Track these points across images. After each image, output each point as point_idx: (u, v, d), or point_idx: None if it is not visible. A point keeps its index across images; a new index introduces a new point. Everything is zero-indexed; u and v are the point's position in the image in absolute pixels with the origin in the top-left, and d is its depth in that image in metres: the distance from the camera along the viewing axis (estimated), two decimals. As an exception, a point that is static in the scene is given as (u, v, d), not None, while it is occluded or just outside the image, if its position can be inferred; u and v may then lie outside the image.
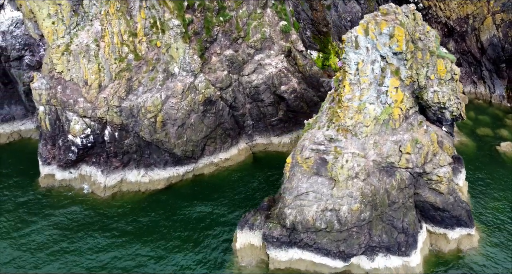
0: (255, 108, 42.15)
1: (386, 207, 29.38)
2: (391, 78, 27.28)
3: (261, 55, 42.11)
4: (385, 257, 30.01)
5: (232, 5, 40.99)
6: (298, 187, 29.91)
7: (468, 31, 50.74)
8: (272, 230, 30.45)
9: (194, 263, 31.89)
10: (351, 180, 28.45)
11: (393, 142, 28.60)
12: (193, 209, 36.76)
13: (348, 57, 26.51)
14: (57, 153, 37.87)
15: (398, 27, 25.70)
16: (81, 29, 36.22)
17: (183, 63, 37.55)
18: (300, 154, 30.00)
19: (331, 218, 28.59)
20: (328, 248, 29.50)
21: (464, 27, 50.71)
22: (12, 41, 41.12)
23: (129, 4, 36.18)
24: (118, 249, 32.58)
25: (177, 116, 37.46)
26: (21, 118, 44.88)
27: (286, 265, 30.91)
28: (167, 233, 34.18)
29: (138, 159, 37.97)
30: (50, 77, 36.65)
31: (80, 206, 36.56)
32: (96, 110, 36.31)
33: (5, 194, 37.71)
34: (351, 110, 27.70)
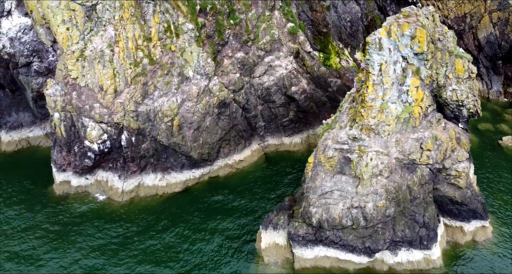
0: (266, 110, 42.71)
1: (408, 203, 30.34)
2: (412, 78, 28.21)
3: (271, 57, 42.70)
4: (408, 251, 31.00)
5: (241, 8, 41.45)
6: (322, 186, 30.61)
7: (465, 30, 52.32)
8: (297, 229, 31.09)
9: (219, 265, 32.28)
10: (375, 177, 29.30)
11: (414, 139, 29.57)
12: (212, 211, 37.11)
13: (372, 58, 27.32)
14: (73, 159, 37.69)
15: (420, 29, 26.62)
16: (94, 35, 36.15)
17: (197, 67, 37.84)
18: (323, 154, 30.70)
19: (357, 215, 29.40)
20: (353, 245, 30.30)
21: (462, 26, 52.26)
22: (20, 48, 40.68)
23: (142, 9, 36.27)
24: (141, 252, 32.73)
25: (193, 119, 37.74)
26: (29, 125, 44.38)
27: (311, 263, 31.60)
28: (188, 236, 34.45)
29: (155, 163, 38.10)
30: (64, 84, 36.47)
31: (98, 212, 36.52)
32: (112, 115, 36.30)
33: (21, 202, 37.35)
34: (374, 110, 28.54)
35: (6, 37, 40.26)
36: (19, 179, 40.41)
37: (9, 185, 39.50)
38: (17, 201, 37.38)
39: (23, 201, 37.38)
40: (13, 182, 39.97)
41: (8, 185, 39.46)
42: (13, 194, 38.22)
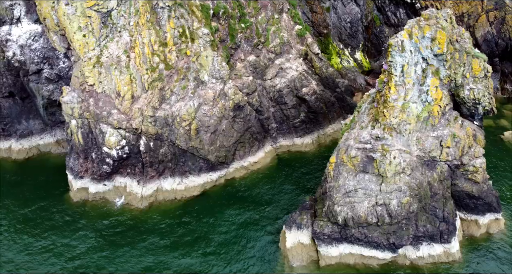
0: (278, 111, 43.35)
1: (428, 199, 31.38)
2: (431, 78, 29.24)
3: (281, 59, 43.37)
4: (429, 245, 32.05)
5: (251, 12, 42.00)
6: (345, 184, 31.43)
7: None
8: (323, 228, 31.83)
9: (245, 265, 32.76)
10: (398, 175, 30.24)
11: (434, 137, 30.62)
12: (231, 213, 37.57)
13: (394, 60, 28.22)
14: (90, 166, 37.65)
15: (440, 31, 27.65)
16: (110, 41, 36.21)
17: (212, 71, 38.23)
18: (345, 153, 31.51)
19: (382, 212, 30.29)
20: (378, 241, 31.18)
21: (460, 25, 53.72)
22: (30, 55, 40.38)
23: (157, 14, 36.47)
24: (166, 255, 33.04)
25: (209, 123, 38.12)
26: (39, 133, 44.05)
27: (336, 260, 32.37)
28: (212, 238, 34.84)
29: (173, 167, 38.34)
30: (81, 90, 36.42)
31: (119, 218, 36.60)
32: (131, 121, 36.42)
33: (39, 210, 37.18)
34: (396, 110, 29.46)
35: (16, 45, 39.92)
36: (33, 187, 40.20)
37: (25, 194, 39.27)
38: (36, 210, 37.19)
39: (42, 210, 37.21)
40: (28, 191, 39.72)
41: (24, 194, 39.22)
42: (31, 204, 37.98)
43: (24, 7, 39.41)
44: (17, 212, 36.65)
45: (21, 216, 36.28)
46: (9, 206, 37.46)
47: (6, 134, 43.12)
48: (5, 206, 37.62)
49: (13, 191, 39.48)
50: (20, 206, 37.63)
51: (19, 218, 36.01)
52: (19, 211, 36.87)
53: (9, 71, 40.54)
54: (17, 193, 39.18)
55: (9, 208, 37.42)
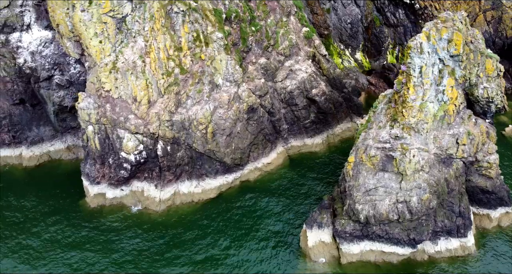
0: (289, 113, 44.00)
1: (446, 195, 32.44)
2: (448, 78, 30.25)
3: (290, 61, 44.04)
4: (446, 240, 33.14)
5: (261, 15, 42.55)
6: (365, 183, 32.26)
7: (461, 28, 55.28)
8: (344, 226, 32.63)
9: (267, 265, 33.32)
10: (417, 172, 31.20)
11: (450, 135, 31.68)
12: (248, 214, 38.08)
13: (413, 61, 29.13)
14: (107, 171, 37.71)
15: (457, 33, 28.67)
16: (125, 46, 36.35)
17: (226, 74, 38.66)
18: (364, 153, 32.33)
19: (403, 209, 31.22)
20: (399, 237, 32.11)
21: (458, 25, 55.21)
22: (41, 61, 40.20)
23: (172, 19, 36.75)
24: (188, 256, 33.44)
25: (225, 126, 38.56)
26: (50, 139, 43.80)
27: (357, 258, 33.19)
28: (231, 239, 35.30)
29: (190, 170, 38.65)
30: (97, 96, 36.46)
31: (139, 222, 36.75)
32: (148, 126, 36.62)
33: (58, 218, 37.02)
34: (414, 110, 30.38)
35: (27, 52, 39.72)
36: (48, 195, 39.97)
37: (40, 201, 39.06)
38: (54, 218, 37.07)
39: (60, 217, 37.11)
40: (43, 198, 39.49)
41: (39, 202, 38.99)
42: (48, 211, 37.83)
43: (34, 13, 39.24)
44: (36, 222, 36.40)
45: (42, 226, 36.04)
46: (27, 216, 37.18)
47: (17, 141, 42.79)
48: (23, 216, 37.30)
49: (28, 200, 39.18)
50: (37, 214, 37.43)
51: (41, 228, 35.79)
52: (38, 220, 36.61)
53: (20, 78, 40.29)
54: (32, 202, 38.91)
55: (27, 217, 37.15)
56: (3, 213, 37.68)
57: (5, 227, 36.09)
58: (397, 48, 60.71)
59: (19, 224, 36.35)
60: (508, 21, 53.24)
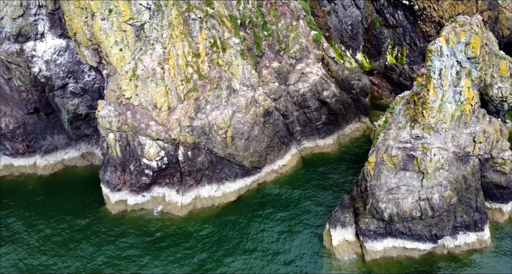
0: (302, 115, 44.87)
1: (464, 191, 33.78)
2: (465, 79, 31.53)
3: (301, 64, 44.91)
4: (465, 235, 34.50)
5: (272, 19, 43.29)
6: (387, 182, 33.35)
7: (459, 28, 57.09)
8: (368, 225, 33.66)
9: (294, 266, 34.12)
10: (438, 171, 32.41)
11: (467, 134, 33.02)
12: (268, 215, 38.78)
13: (433, 64, 30.30)
14: (129, 178, 37.91)
15: (474, 36, 29.95)
16: (144, 54, 36.60)
17: (243, 79, 39.27)
18: (385, 153, 33.40)
19: (425, 206, 32.40)
20: (421, 233, 33.29)
21: (456, 25, 56.99)
22: (56, 70, 40.10)
23: (189, 26, 37.17)
24: (220, 259, 34.04)
25: (243, 130, 39.17)
26: (64, 147, 43.69)
27: (380, 255, 34.27)
28: (255, 241, 35.99)
29: (210, 174, 39.14)
30: (118, 104, 36.62)
31: (163, 227, 37.10)
32: (169, 132, 36.97)
33: (82, 228, 37.05)
34: (434, 110, 31.58)
35: (41, 60, 39.57)
36: (67, 204, 39.95)
37: (61, 210, 39.02)
38: (78, 227, 37.09)
39: (84, 226, 37.14)
40: (63, 207, 39.47)
41: (60, 211, 38.95)
42: (70, 221, 37.80)
43: (48, 22, 39.11)
44: (61, 232, 36.36)
45: (67, 236, 36.03)
46: (50, 227, 37.09)
47: (31, 150, 42.56)
48: (47, 227, 37.18)
49: (48, 210, 39.08)
50: (60, 224, 37.37)
51: (67, 238, 35.79)
52: (63, 231, 36.56)
53: (35, 87, 40.09)
54: (53, 212, 38.80)
55: (50, 228, 37.05)
56: (24, 224, 37.49)
57: (28, 239, 35.96)
58: (396, 48, 62.17)
59: (44, 236, 36.24)
60: (504, 21, 55.21)
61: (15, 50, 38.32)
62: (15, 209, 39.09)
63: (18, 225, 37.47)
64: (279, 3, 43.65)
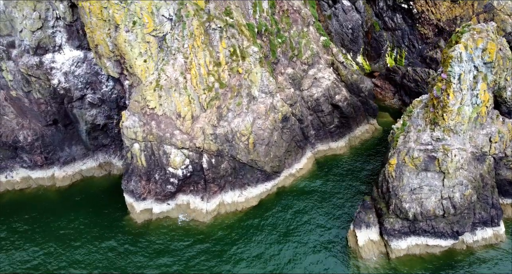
0: (316, 119, 46.03)
1: (481, 189, 35.50)
2: (481, 83, 33.19)
3: (313, 70, 46.06)
4: (482, 230, 36.23)
5: (284, 27, 44.29)
6: (409, 183, 34.79)
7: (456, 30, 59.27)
8: (393, 224, 35.03)
9: (324, 267, 35.22)
10: (458, 170, 34.01)
11: (484, 134, 34.72)
12: (290, 218, 39.78)
13: (453, 70, 31.83)
14: (153, 187, 38.33)
15: (491, 42, 31.60)
16: (166, 64, 37.10)
17: (261, 86, 40.16)
18: (406, 155, 34.83)
19: (447, 205, 33.96)
20: (443, 231, 34.85)
21: (453, 27, 59.15)
22: (74, 81, 40.16)
23: (210, 35, 37.83)
24: (251, 262, 34.91)
25: (264, 136, 40.07)
26: (82, 158, 43.70)
27: (404, 252, 35.69)
28: (280, 242, 36.95)
29: (233, 180, 39.88)
30: (142, 114, 37.01)
31: (191, 234, 37.66)
32: (194, 140, 37.57)
33: (109, 238, 37.26)
34: (453, 113, 33.14)
35: (60, 72, 39.56)
36: (90, 214, 40.06)
37: (85, 222, 39.08)
38: (105, 237, 37.30)
39: (111, 237, 37.34)
40: (86, 218, 39.56)
41: (84, 223, 39.00)
42: (97, 232, 37.94)
43: (65, 34, 39.13)
44: (89, 245, 36.49)
45: (96, 248, 36.18)
46: (77, 239, 37.16)
47: (49, 162, 42.44)
48: (74, 239, 37.23)
49: (72, 222, 39.09)
50: (87, 236, 37.46)
51: (95, 249, 35.98)
52: (91, 244, 36.67)
53: (54, 99, 40.03)
54: (77, 224, 38.85)
55: (78, 240, 37.13)
56: (51, 237, 37.49)
57: (58, 253, 36.00)
58: (395, 50, 64.03)
59: (73, 248, 36.33)
60: (499, 23, 57.51)
61: (34, 63, 38.22)
62: (41, 223, 38.95)
63: (46, 239, 37.40)
64: (290, 11, 44.68)
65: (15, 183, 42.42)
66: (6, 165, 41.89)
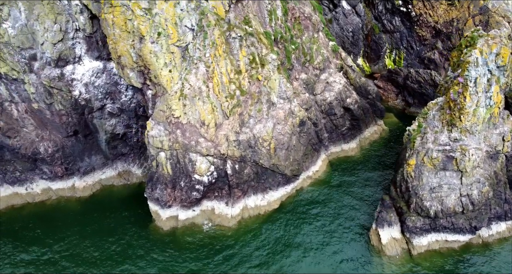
0: (328, 122, 47.38)
1: (495, 185, 37.44)
2: (494, 85, 35.07)
3: (325, 74, 47.39)
4: (497, 224, 38.21)
5: (297, 33, 45.48)
6: (429, 182, 36.46)
7: (453, 32, 61.62)
8: (415, 222, 36.65)
9: (350, 263, 36.58)
10: (475, 169, 35.83)
11: (497, 134, 36.65)
12: (312, 219, 41.00)
13: (470, 74, 33.59)
14: (179, 195, 38.97)
15: (504, 47, 33.47)
16: (188, 73, 37.80)
17: (280, 92, 41.24)
18: (425, 156, 36.47)
19: (466, 202, 35.75)
20: (462, 226, 36.65)
21: (450, 29, 61.47)
22: (94, 92, 40.45)
23: (230, 44, 38.69)
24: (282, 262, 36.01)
25: (284, 140, 41.18)
26: (101, 167, 43.94)
27: (425, 249, 37.35)
28: (307, 243, 37.99)
29: (255, 185, 40.86)
30: (167, 123, 37.61)
31: (219, 239, 38.46)
32: (218, 147, 38.39)
33: (137, 247, 37.70)
34: (469, 115, 34.93)
35: (81, 83, 39.79)
36: (114, 224, 40.33)
37: (110, 231, 39.39)
38: (133, 246, 37.74)
39: (140, 245, 37.80)
40: (111, 228, 39.81)
41: (108, 232, 39.30)
42: (123, 241, 38.32)
43: (84, 45, 39.38)
44: (121, 255, 36.87)
45: (128, 258, 36.53)
46: (108, 250, 37.49)
47: (69, 173, 42.54)
48: (102, 249, 37.51)
49: (99, 232, 39.29)
50: (116, 247, 37.75)
51: (124, 260, 36.41)
52: (117, 253, 37.04)
53: (75, 110, 40.21)
54: (104, 234, 38.99)
55: (108, 252, 37.45)
56: (77, 248, 37.72)
57: (87, 263, 36.30)
58: (394, 52, 66.04)
59: (104, 259, 36.68)
60: (494, 24, 59.99)
61: (56, 75, 38.36)
62: (66, 234, 39.07)
63: (73, 250, 37.61)
64: (302, 17, 45.86)
65: (35, 195, 42.39)
66: (26, 177, 41.83)
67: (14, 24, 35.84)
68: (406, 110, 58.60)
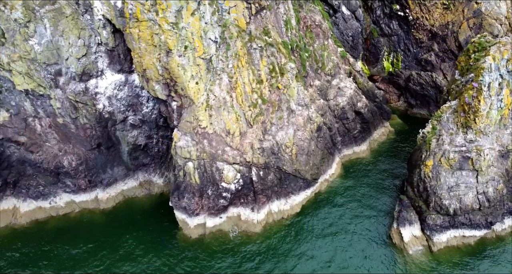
0: (341, 126, 49.04)
1: (507, 182, 39.77)
2: (505, 89, 37.31)
3: (336, 80, 49.02)
4: (509, 219, 40.56)
5: (309, 41, 46.94)
6: (446, 182, 38.48)
7: (448, 34, 64.25)
8: (435, 220, 38.61)
9: (374, 261, 38.25)
10: (489, 168, 38.03)
11: (508, 134, 38.93)
12: (333, 220, 42.55)
13: (484, 79, 35.69)
14: (206, 203, 39.88)
15: (514, 53, 35.70)
16: (212, 84, 38.77)
17: (298, 99, 42.61)
18: (442, 157, 38.47)
19: (483, 199, 37.91)
20: (478, 222, 38.82)
21: (445, 32, 64.07)
22: (117, 105, 40.92)
23: (251, 55, 39.82)
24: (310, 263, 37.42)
25: (304, 146, 42.58)
26: (123, 178, 44.38)
27: (444, 245, 39.39)
28: (332, 243, 39.67)
29: (279, 190, 42.12)
30: (194, 134, 38.47)
31: (247, 244, 39.53)
32: (243, 155, 39.47)
33: (164, 255, 38.41)
34: (483, 117, 37.07)
35: (104, 97, 40.22)
36: (140, 234, 40.87)
37: (137, 242, 39.88)
38: (162, 255, 38.42)
39: (168, 255, 38.48)
40: (138, 238, 40.35)
41: (136, 243, 39.79)
42: (152, 251, 38.93)
43: (106, 58, 39.83)
44: (148, 265, 37.46)
45: (157, 266, 37.30)
46: (134, 260, 37.98)
47: (92, 185, 42.85)
48: (134, 261, 38.02)
49: (123, 243, 39.80)
50: (144, 256, 38.38)
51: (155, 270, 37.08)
52: (147, 263, 37.57)
53: (99, 123, 40.59)
54: (133, 246, 39.51)
55: (134, 261, 37.98)
56: (106, 259, 38.12)
57: None
58: (392, 54, 68.31)
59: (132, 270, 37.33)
60: (487, 27, 62.89)
61: (81, 89, 38.71)
62: (93, 246, 39.45)
63: (102, 261, 38.05)
64: (313, 26, 47.34)
65: (59, 208, 42.55)
66: (49, 191, 41.95)
67: (40, 41, 36.08)
68: (409, 111, 60.91)
